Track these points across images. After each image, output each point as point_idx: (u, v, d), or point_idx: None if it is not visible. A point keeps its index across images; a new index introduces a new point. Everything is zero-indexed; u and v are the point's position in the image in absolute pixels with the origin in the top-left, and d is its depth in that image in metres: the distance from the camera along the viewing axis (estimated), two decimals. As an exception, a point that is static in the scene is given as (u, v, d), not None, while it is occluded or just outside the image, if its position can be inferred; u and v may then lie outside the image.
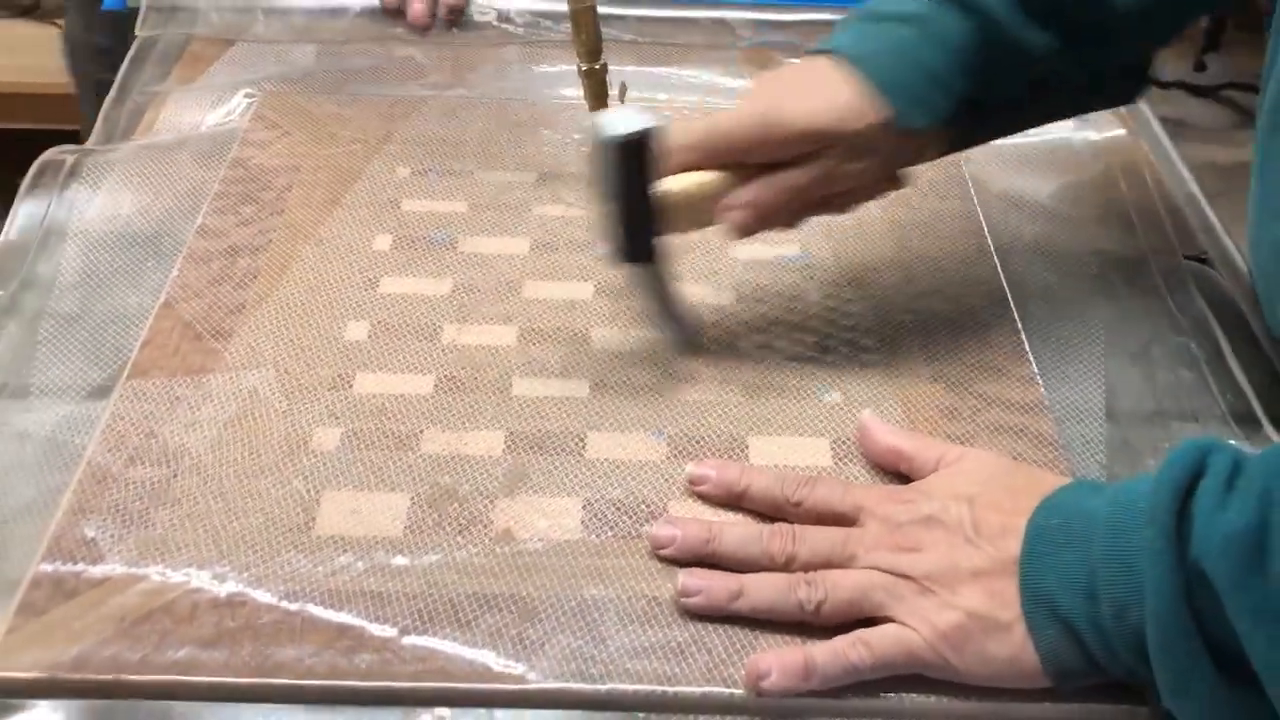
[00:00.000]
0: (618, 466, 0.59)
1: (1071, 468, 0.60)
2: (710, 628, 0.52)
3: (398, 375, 0.64)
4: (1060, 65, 0.63)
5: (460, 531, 0.56)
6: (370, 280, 0.71)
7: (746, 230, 0.62)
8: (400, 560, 0.54)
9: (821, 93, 0.60)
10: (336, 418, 0.61)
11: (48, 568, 0.53)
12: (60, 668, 0.49)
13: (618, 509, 0.57)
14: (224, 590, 0.52)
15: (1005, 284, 0.72)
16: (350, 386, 0.63)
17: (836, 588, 0.51)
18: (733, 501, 0.57)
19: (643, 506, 0.57)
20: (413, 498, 0.57)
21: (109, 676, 0.49)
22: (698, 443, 0.61)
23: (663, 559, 0.54)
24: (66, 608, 0.51)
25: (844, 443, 0.61)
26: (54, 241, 0.73)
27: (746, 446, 0.61)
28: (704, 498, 0.57)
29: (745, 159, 0.61)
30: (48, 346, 0.66)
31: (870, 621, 0.51)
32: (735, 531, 0.54)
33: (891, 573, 0.51)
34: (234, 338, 0.66)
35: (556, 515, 0.57)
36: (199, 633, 0.51)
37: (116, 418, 0.61)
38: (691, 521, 0.55)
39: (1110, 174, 0.84)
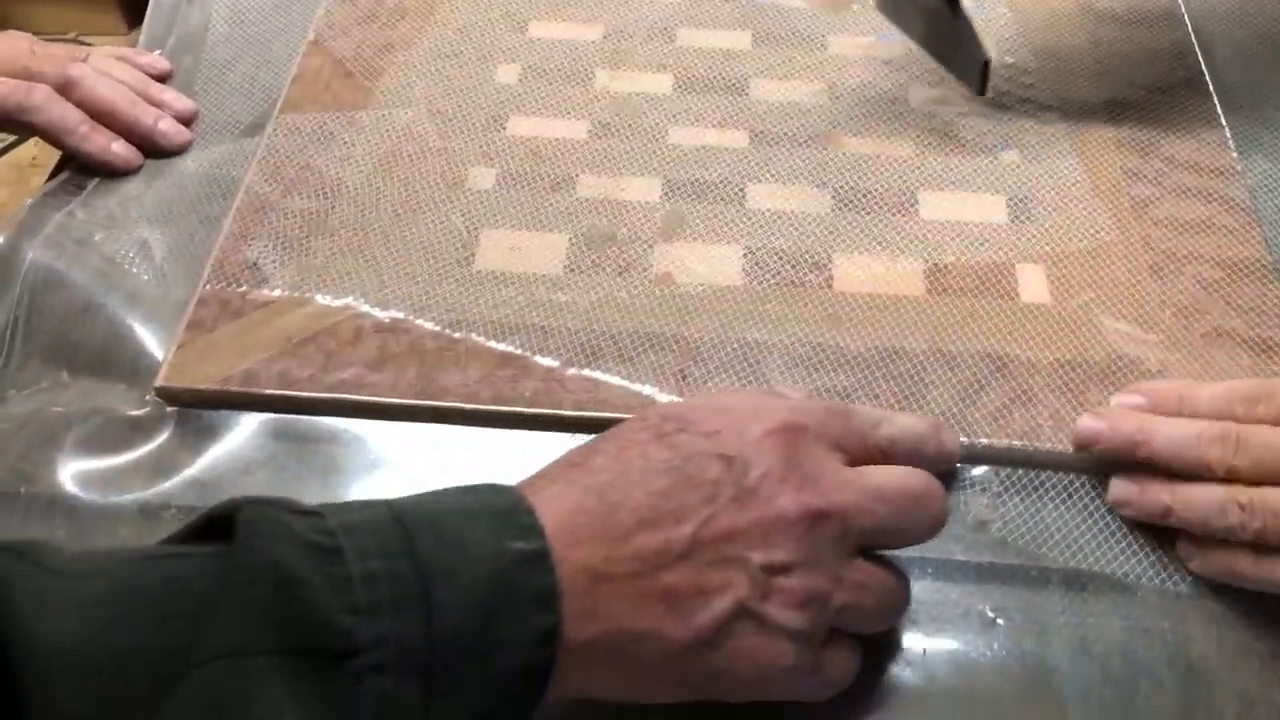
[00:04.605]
0: (780, 217, 0.57)
1: (1265, 236, 0.56)
2: (875, 374, 0.50)
3: (551, 119, 0.62)
4: None
5: (620, 273, 0.54)
6: (519, 24, 0.68)
7: None
8: (561, 297, 0.53)
9: None
10: (491, 158, 0.60)
11: (213, 288, 0.53)
12: (230, 381, 0.50)
13: (780, 258, 0.55)
14: (387, 316, 0.52)
15: (1196, 44, 0.66)
16: (504, 128, 0.61)
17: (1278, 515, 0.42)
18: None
19: (807, 256, 0.55)
20: (571, 238, 0.56)
21: (278, 391, 0.49)
22: (864, 196, 0.58)
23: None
24: (233, 326, 0.52)
25: (1020, 201, 0.58)
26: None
27: (916, 201, 0.58)
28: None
29: None
30: (205, 95, 0.65)
31: None
32: (1168, 432, 0.45)
33: None
34: (384, 76, 0.64)
35: (717, 261, 0.55)
36: (364, 355, 0.51)
37: (271, 149, 0.60)
38: (1121, 415, 0.46)
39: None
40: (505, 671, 0.33)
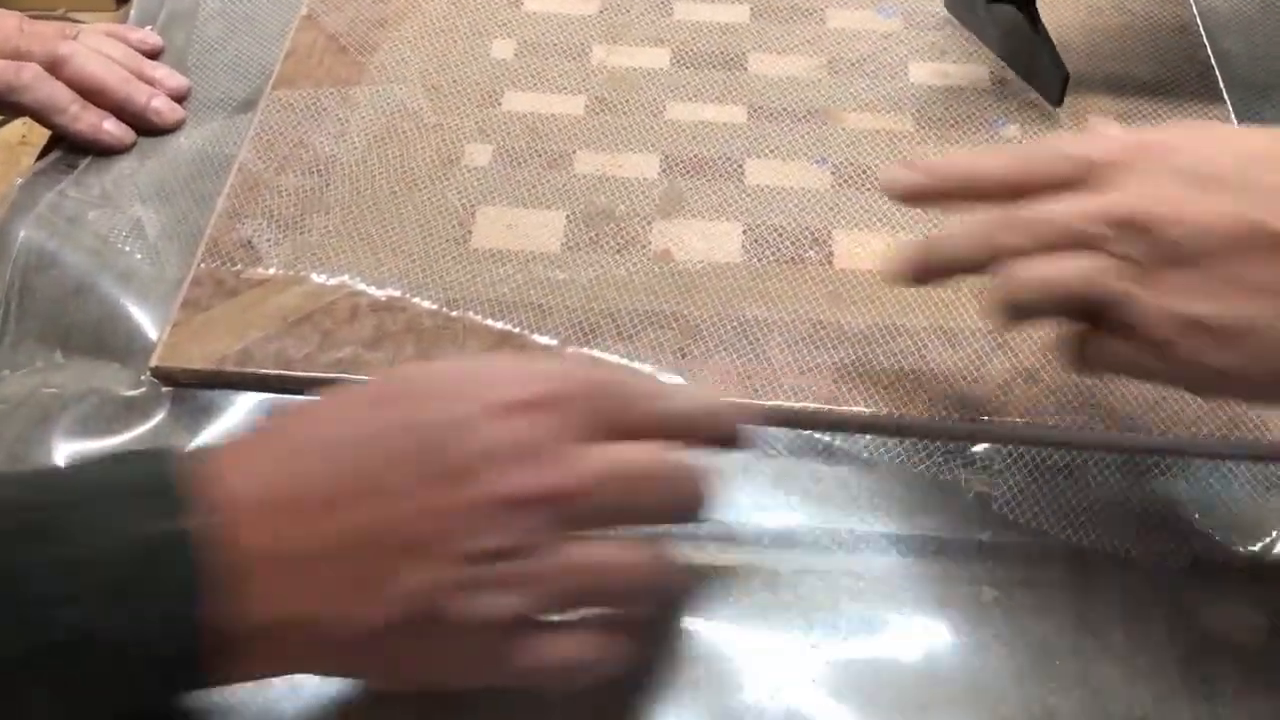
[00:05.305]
0: (779, 193, 0.57)
1: (1266, 210, 0.56)
2: (876, 351, 0.50)
3: (547, 95, 0.61)
4: None
5: (618, 250, 0.54)
6: (515, -2, 0.67)
7: None
8: (559, 274, 0.53)
9: None
10: (487, 134, 0.59)
11: (208, 266, 0.53)
12: (226, 361, 0.49)
13: (780, 235, 0.55)
14: (383, 294, 0.52)
15: (1197, 14, 0.66)
16: (499, 104, 0.61)
17: None
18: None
19: (807, 233, 0.55)
20: (568, 215, 0.55)
21: (274, 371, 0.49)
22: (864, 172, 0.58)
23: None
24: (229, 305, 0.51)
25: (1020, 175, 0.57)
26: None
27: (916, 176, 0.57)
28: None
29: None
30: (197, 71, 0.64)
31: None
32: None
33: None
34: (378, 51, 0.63)
35: (716, 238, 0.55)
36: (361, 333, 0.50)
37: (264, 126, 0.59)
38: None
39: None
40: (145, 662, 0.32)
